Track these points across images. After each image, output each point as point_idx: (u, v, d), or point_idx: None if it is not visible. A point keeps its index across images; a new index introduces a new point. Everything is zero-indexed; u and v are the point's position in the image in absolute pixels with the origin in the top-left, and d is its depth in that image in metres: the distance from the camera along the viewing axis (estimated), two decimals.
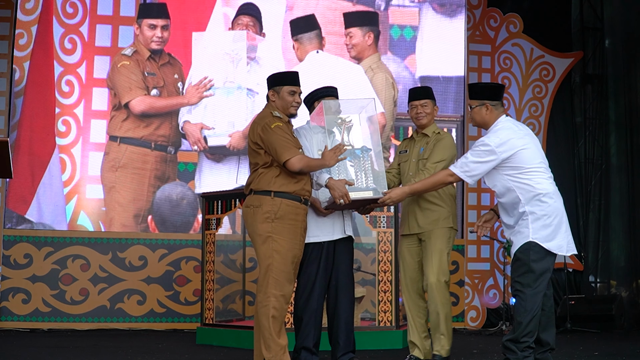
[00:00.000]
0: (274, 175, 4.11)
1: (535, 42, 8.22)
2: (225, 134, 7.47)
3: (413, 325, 4.65)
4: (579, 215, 8.36)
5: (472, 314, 7.78)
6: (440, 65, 7.96)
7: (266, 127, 4.10)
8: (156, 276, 7.31)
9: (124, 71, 7.42)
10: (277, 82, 4.24)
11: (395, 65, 7.91)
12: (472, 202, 8.01)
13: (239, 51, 7.51)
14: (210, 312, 6.20)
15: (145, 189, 7.41)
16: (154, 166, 7.43)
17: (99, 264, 7.22)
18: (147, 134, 7.44)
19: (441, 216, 4.53)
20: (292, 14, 7.78)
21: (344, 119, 4.26)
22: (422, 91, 4.69)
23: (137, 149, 7.41)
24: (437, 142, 4.57)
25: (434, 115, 4.68)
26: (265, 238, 4.07)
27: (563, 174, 8.31)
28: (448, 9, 8.06)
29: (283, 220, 4.08)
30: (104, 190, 7.36)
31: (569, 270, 8.02)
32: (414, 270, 4.61)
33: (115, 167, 7.37)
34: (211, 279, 6.20)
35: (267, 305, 4.03)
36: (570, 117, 8.51)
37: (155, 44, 7.52)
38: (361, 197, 4.22)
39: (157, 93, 7.47)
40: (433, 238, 4.51)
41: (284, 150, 4.03)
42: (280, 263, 4.06)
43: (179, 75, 7.55)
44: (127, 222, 7.37)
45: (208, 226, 6.27)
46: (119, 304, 7.21)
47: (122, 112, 7.42)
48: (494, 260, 7.94)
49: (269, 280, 4.04)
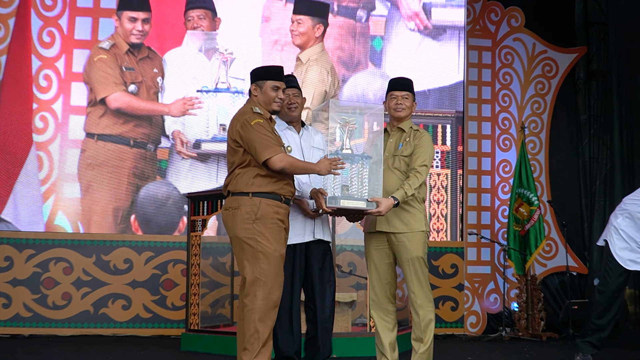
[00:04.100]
0: (252, 176, 4.05)
1: (538, 37, 8.20)
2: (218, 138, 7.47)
3: (380, 334, 4.45)
4: (584, 216, 8.35)
5: (472, 320, 7.73)
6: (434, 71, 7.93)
7: (246, 124, 4.03)
8: (142, 280, 7.24)
9: (101, 65, 7.37)
10: (260, 76, 4.17)
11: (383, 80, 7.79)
12: (472, 203, 7.97)
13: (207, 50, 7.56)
14: (195, 318, 6.13)
15: (124, 188, 7.37)
16: (132, 164, 7.38)
17: (82, 267, 7.16)
18: (126, 130, 7.40)
19: (414, 218, 4.37)
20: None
21: (349, 120, 4.22)
22: (404, 82, 4.55)
23: (115, 146, 7.37)
24: (417, 140, 4.42)
25: (412, 110, 4.56)
26: (249, 240, 4.00)
27: (567, 173, 8.31)
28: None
29: (264, 220, 4.01)
30: (81, 189, 7.32)
31: (572, 273, 7.98)
32: (384, 273, 4.43)
33: (93, 165, 7.33)
34: (196, 283, 6.13)
35: (254, 309, 3.96)
36: (574, 114, 8.48)
37: (135, 38, 7.47)
38: (352, 206, 4.16)
39: (135, 89, 7.42)
40: (409, 244, 4.33)
41: (264, 149, 3.97)
42: (266, 265, 3.98)
43: (159, 70, 7.50)
44: (106, 222, 7.32)
45: (194, 228, 6.20)
46: (103, 309, 7.15)
47: (99, 108, 7.37)
48: (494, 263, 7.89)
49: (257, 284, 3.97)
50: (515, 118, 8.10)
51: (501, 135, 8.10)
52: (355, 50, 7.89)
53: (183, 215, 7.37)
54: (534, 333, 7.25)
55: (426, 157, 4.35)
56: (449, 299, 7.69)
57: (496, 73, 8.12)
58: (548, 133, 8.13)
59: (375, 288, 4.45)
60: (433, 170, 7.88)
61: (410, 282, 4.32)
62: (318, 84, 7.69)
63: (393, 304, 4.47)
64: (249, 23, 7.68)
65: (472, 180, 7.97)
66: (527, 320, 7.35)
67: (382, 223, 4.36)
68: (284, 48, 7.72)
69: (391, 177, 4.34)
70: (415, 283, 4.31)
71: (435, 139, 7.85)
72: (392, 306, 4.47)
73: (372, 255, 4.46)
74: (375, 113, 4.36)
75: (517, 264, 7.48)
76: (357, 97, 7.79)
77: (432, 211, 7.83)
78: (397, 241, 4.34)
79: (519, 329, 7.33)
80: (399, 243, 4.33)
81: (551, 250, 7.99)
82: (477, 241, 7.81)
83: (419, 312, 4.30)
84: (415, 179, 4.28)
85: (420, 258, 4.31)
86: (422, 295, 4.30)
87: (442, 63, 7.97)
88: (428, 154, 4.37)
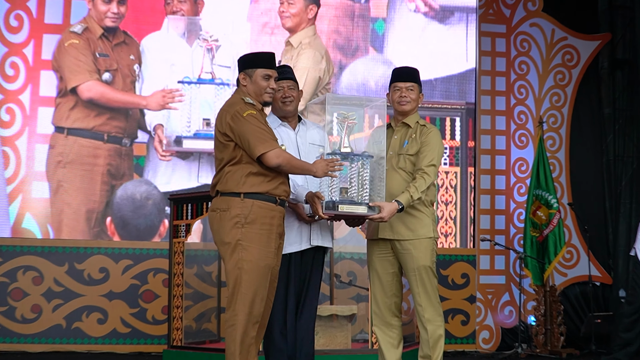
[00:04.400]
0: (243, 174, 3.96)
1: (557, 22, 8.19)
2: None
3: (383, 351, 4.43)
4: (608, 221, 8.33)
5: (485, 335, 7.68)
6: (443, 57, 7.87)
7: (237, 115, 3.94)
8: (119, 291, 7.13)
9: (72, 51, 7.31)
10: (249, 64, 4.09)
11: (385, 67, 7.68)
12: (485, 206, 7.93)
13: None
14: (178, 333, 5.95)
15: (98, 187, 7.30)
16: (106, 161, 7.32)
17: (54, 276, 7.05)
18: (99, 124, 7.33)
19: (421, 223, 4.32)
20: None
21: (347, 115, 4.16)
22: (409, 72, 4.47)
23: (87, 141, 7.30)
24: (424, 136, 4.38)
25: (419, 103, 4.51)
26: (234, 246, 3.91)
27: (589, 173, 8.31)
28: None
29: (255, 225, 3.92)
30: (50, 189, 7.25)
31: (595, 283, 7.95)
32: (388, 284, 4.40)
33: (63, 163, 7.26)
34: (180, 295, 5.98)
35: (234, 325, 3.88)
36: (597, 108, 8.45)
37: (110, 21, 7.41)
38: (351, 212, 4.10)
39: (110, 77, 7.35)
40: (415, 252, 4.28)
41: (258, 143, 3.89)
42: (249, 275, 3.90)
43: (136, 57, 7.45)
44: (79, 225, 7.23)
45: (176, 233, 6.05)
46: (76, 322, 7.04)
47: (70, 99, 7.30)
48: (509, 272, 7.85)
49: (237, 296, 3.90)
50: (532, 112, 8.05)
51: (517, 130, 8.05)
52: (354, 34, 7.82)
53: (164, 218, 7.31)
54: (553, 349, 7.21)
55: (434, 156, 4.32)
56: (460, 312, 7.62)
57: (511, 62, 8.10)
58: (569, 128, 8.10)
59: (378, 301, 4.41)
60: (441, 167, 7.83)
61: (417, 294, 4.30)
62: (311, 69, 7.62)
63: (398, 318, 4.44)
64: (236, 5, 7.61)
65: (485, 181, 7.93)
66: (546, 335, 7.30)
67: (386, 229, 4.32)
68: (273, 31, 7.64)
69: (396, 179, 4.30)
70: (423, 295, 4.28)
71: (443, 134, 7.80)
72: (397, 320, 4.44)
73: (375, 264, 4.43)
74: (377, 106, 4.29)
75: (535, 274, 7.40)
76: (357, 85, 7.71)
77: (440, 213, 7.81)
78: (402, 249, 4.30)
79: (536, 345, 7.28)
80: (405, 251, 4.29)
81: (572, 258, 7.94)
82: (491, 248, 7.75)
83: (427, 327, 4.27)
84: (422, 180, 4.24)
85: (427, 267, 4.27)
86: (431, 309, 4.28)
87: (450, 49, 7.93)
88: (436, 152, 4.33)
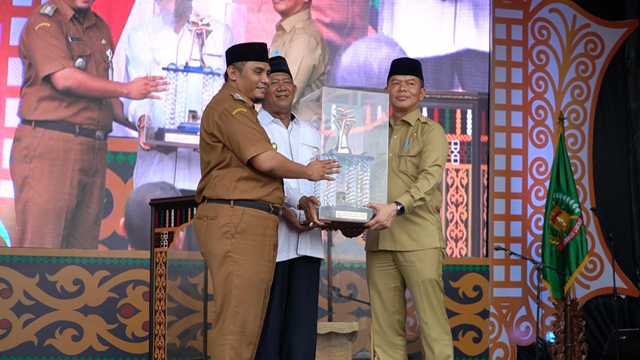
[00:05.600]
0: (233, 179, 4.01)
1: (579, 8, 8.20)
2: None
3: None
4: (634, 227, 8.32)
5: (499, 353, 7.73)
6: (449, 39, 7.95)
7: (225, 113, 4.00)
8: (95, 305, 7.19)
9: (44, 35, 7.31)
10: (238, 56, 4.15)
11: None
12: (499, 211, 7.96)
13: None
14: (160, 352, 6.05)
15: (68, 185, 7.32)
16: (78, 156, 7.36)
17: (24, 288, 7.10)
18: (69, 115, 7.37)
19: (425, 232, 4.38)
20: None
21: (345, 113, 4.22)
22: (409, 64, 4.55)
23: (57, 134, 7.31)
24: (426, 135, 4.42)
25: (420, 98, 4.56)
26: (223, 258, 3.98)
27: (614, 174, 8.31)
28: None
29: (246, 235, 3.98)
30: (14, 187, 7.28)
31: (620, 296, 7.94)
32: (390, 300, 4.46)
33: (30, 158, 7.29)
34: (162, 310, 6.06)
35: (223, 345, 3.94)
36: (623, 102, 8.43)
37: (81, 1, 7.44)
38: (349, 218, 4.16)
39: (82, 63, 7.38)
40: (419, 264, 4.33)
41: (249, 144, 3.94)
42: (240, 291, 3.97)
43: (107, 42, 7.50)
44: (47, 228, 7.26)
45: (158, 242, 6.12)
46: (49, 339, 7.11)
47: (38, 89, 7.31)
48: (526, 284, 7.89)
49: (227, 313, 3.97)
50: (552, 107, 8.09)
51: (535, 127, 8.09)
52: (349, 11, 7.87)
53: None
54: None
55: (438, 155, 4.35)
56: (471, 328, 7.71)
57: (529, 52, 8.10)
58: (592, 125, 8.13)
59: (379, 318, 4.48)
60: (450, 165, 7.89)
61: (422, 311, 4.34)
62: (305, 57, 7.69)
63: (402, 337, 4.49)
64: None
65: (500, 183, 7.96)
66: (566, 353, 7.32)
67: (386, 240, 4.37)
68: (264, 13, 7.74)
69: (397, 184, 4.35)
70: (428, 312, 4.34)
71: (453, 127, 7.86)
72: (401, 339, 4.48)
73: (375, 278, 4.47)
74: (379, 102, 4.33)
75: (554, 286, 7.42)
76: (357, 67, 7.77)
77: (450, 215, 7.85)
78: (405, 261, 4.34)
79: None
80: (408, 263, 4.34)
81: (595, 269, 7.98)
82: (505, 258, 7.77)
83: (434, 347, 4.31)
84: (425, 181, 4.27)
85: (433, 281, 4.33)
86: (437, 327, 4.31)
87: (458, 29, 7.99)
88: (440, 152, 4.37)
